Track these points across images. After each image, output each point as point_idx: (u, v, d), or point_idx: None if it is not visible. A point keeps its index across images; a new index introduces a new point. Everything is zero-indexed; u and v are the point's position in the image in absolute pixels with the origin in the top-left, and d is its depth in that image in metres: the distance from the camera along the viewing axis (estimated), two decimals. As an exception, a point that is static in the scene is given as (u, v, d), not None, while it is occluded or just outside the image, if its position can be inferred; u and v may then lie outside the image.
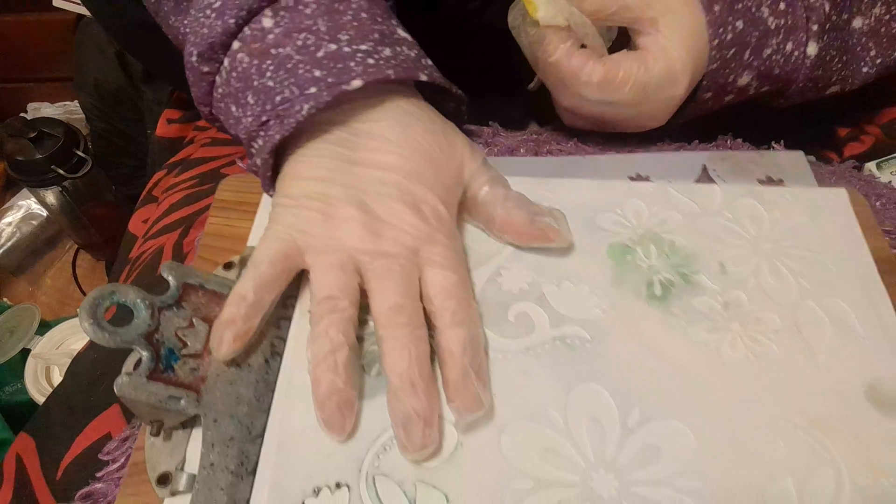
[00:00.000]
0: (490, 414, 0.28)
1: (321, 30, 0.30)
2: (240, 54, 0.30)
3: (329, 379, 0.26)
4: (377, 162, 0.30)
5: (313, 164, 0.30)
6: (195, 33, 0.31)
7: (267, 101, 0.30)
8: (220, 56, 0.31)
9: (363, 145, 0.30)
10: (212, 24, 0.30)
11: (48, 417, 0.37)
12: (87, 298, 0.26)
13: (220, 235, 0.36)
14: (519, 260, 0.33)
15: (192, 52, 0.31)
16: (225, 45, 0.31)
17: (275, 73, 0.30)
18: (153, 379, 0.26)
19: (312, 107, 0.29)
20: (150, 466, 0.27)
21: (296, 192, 0.30)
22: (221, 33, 0.30)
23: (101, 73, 0.93)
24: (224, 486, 0.26)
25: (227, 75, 0.31)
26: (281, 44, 0.30)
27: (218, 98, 0.33)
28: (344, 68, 0.29)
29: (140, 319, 0.27)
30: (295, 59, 0.30)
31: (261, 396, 0.28)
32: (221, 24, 0.30)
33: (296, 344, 0.30)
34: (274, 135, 0.30)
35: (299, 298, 0.31)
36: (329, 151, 0.30)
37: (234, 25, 0.30)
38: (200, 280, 0.30)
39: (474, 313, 0.29)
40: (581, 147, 0.41)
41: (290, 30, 0.30)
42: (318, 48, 0.30)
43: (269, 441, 0.27)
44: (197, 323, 0.29)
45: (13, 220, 1.11)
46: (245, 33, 0.30)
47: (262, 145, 0.31)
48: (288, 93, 0.30)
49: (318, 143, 0.31)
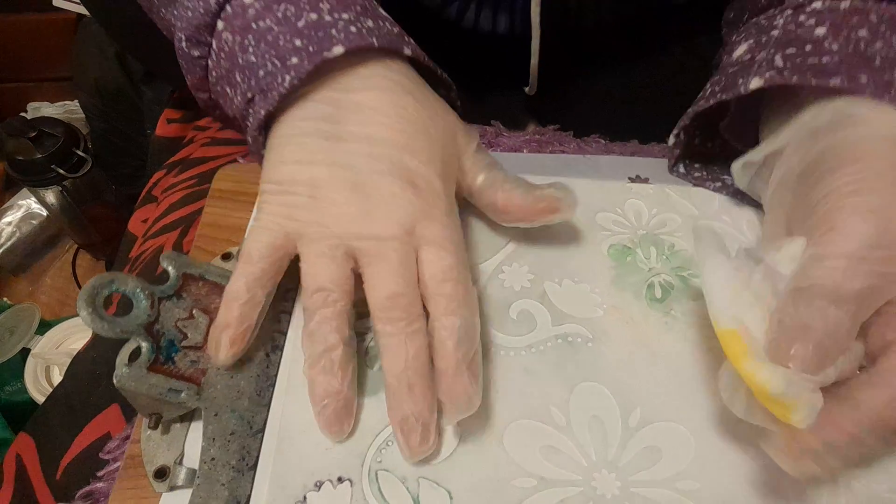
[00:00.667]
0: (493, 411, 0.28)
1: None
2: (224, 33, 0.30)
3: (325, 381, 0.26)
4: (366, 135, 0.29)
5: (297, 146, 0.29)
6: (181, 18, 0.31)
7: (251, 76, 0.29)
8: (207, 38, 0.31)
9: (350, 119, 0.29)
10: (194, 6, 0.30)
11: (48, 417, 0.37)
12: (86, 287, 0.25)
13: (217, 225, 0.35)
14: (521, 257, 0.33)
15: (180, 39, 0.31)
16: (210, 27, 0.30)
17: (256, 47, 0.29)
18: (153, 370, 0.26)
19: (294, 77, 0.28)
20: (147, 460, 0.26)
21: (281, 178, 0.29)
22: (204, 14, 0.30)
23: (101, 72, 0.93)
24: (225, 480, 0.25)
25: (216, 57, 0.31)
26: (261, 17, 0.29)
27: (213, 82, 0.32)
28: (325, 36, 0.29)
29: (140, 309, 0.27)
30: (275, 31, 0.29)
31: (262, 391, 0.28)
32: (203, 4, 0.30)
33: (296, 338, 0.30)
34: (259, 110, 0.29)
35: (300, 292, 0.31)
36: (313, 129, 0.29)
37: (215, 4, 0.30)
38: (201, 271, 0.30)
39: (470, 298, 0.28)
40: (583, 148, 0.41)
41: (270, 2, 0.29)
42: (299, 18, 0.29)
43: (270, 435, 0.27)
44: (197, 314, 0.28)
45: (13, 220, 1.10)
46: (227, 11, 0.30)
47: (252, 123, 0.30)
48: (270, 66, 0.29)
49: (302, 122, 0.29)
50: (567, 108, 0.47)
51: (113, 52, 0.89)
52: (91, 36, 0.92)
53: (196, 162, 0.49)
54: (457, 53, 0.39)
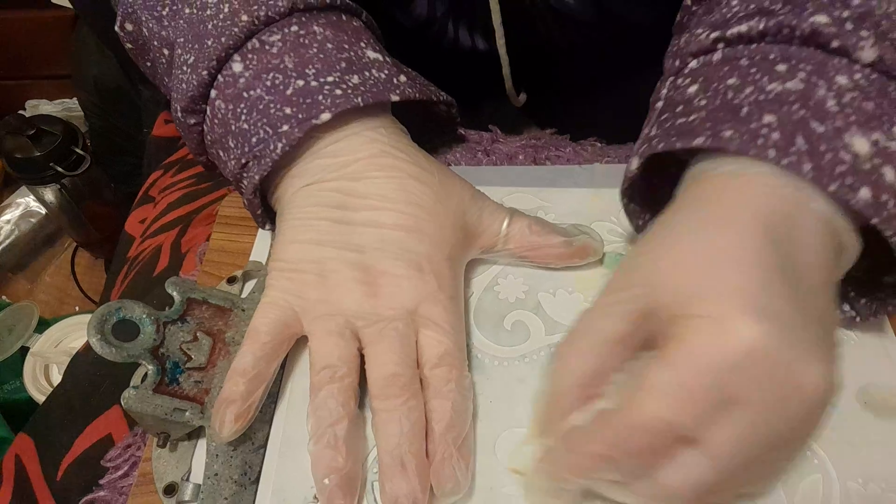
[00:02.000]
0: (486, 420, 0.28)
1: (288, 67, 0.31)
2: (217, 101, 0.32)
3: (328, 456, 0.26)
4: (375, 220, 0.30)
5: (308, 228, 0.30)
6: (176, 90, 0.33)
7: (244, 143, 0.31)
8: (202, 107, 0.32)
9: (360, 205, 0.30)
10: (188, 79, 0.32)
11: (48, 418, 0.38)
12: (95, 315, 0.27)
13: (223, 251, 0.37)
14: (516, 269, 0.33)
15: (176, 109, 0.33)
16: (203, 97, 0.32)
17: (248, 115, 0.31)
18: (159, 392, 0.27)
19: (286, 144, 0.30)
20: (157, 477, 0.28)
21: (291, 256, 0.30)
22: (197, 86, 0.31)
23: (100, 70, 0.93)
24: (228, 495, 0.26)
25: (210, 123, 0.32)
26: (252, 86, 0.31)
27: (209, 146, 0.34)
28: (313, 103, 0.30)
29: (146, 334, 0.28)
30: (266, 100, 0.30)
31: (263, 407, 0.28)
32: (196, 77, 0.31)
33: (296, 354, 0.30)
34: (254, 175, 0.31)
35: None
36: (325, 215, 0.30)
37: (207, 76, 0.31)
38: (204, 295, 0.31)
39: (463, 383, 0.28)
40: (579, 153, 0.41)
41: (259, 71, 0.31)
42: (287, 86, 0.30)
43: (272, 450, 0.28)
44: (201, 337, 0.29)
45: (12, 218, 1.11)
46: (219, 81, 0.31)
47: (247, 186, 0.32)
48: (262, 133, 0.30)
49: (314, 207, 0.31)
50: (561, 113, 0.47)
51: (112, 50, 0.89)
52: (90, 33, 0.92)
53: (194, 162, 0.49)
54: (446, 68, 0.40)
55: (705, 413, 0.20)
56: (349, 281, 0.29)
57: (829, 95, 0.23)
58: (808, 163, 0.22)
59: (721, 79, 0.25)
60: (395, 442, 0.25)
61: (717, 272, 0.21)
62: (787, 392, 0.20)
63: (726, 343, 0.20)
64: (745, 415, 0.20)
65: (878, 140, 0.22)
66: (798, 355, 0.20)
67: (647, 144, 0.26)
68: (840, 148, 0.22)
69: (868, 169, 0.22)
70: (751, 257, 0.21)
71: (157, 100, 0.74)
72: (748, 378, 0.20)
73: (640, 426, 0.20)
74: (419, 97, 0.33)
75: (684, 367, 0.20)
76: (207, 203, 0.44)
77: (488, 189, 0.34)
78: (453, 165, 0.40)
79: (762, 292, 0.20)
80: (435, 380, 0.27)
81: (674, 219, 0.25)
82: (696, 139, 0.24)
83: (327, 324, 0.29)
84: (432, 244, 0.30)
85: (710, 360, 0.20)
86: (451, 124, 0.40)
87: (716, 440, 0.20)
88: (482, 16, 0.40)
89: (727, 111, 0.24)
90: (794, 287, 0.21)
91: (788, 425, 0.20)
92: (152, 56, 0.35)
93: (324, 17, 0.32)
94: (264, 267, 0.34)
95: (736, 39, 0.25)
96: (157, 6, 0.34)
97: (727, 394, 0.20)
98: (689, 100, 0.26)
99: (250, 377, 0.27)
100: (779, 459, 0.22)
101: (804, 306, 0.21)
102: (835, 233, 0.23)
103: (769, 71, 0.24)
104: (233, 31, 0.31)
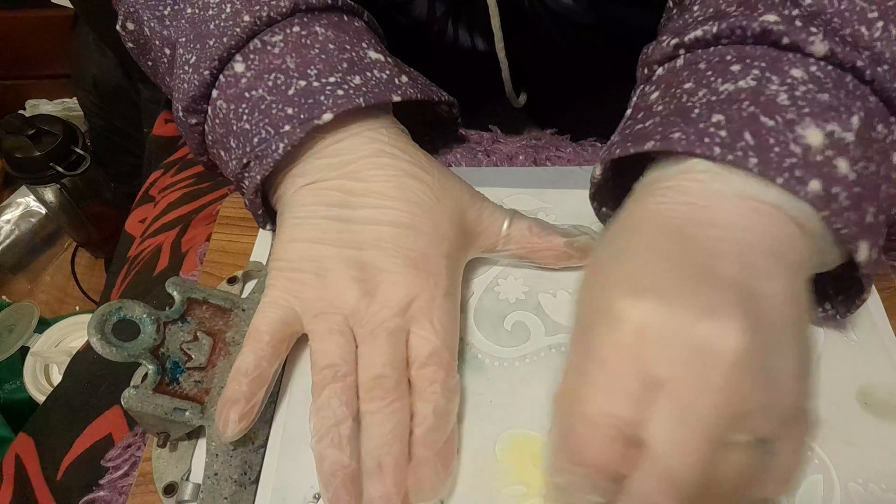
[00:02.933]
0: (485, 420, 0.28)
1: (290, 67, 0.31)
2: (219, 101, 0.32)
3: (333, 455, 0.26)
4: (374, 218, 0.30)
5: (308, 227, 0.31)
6: (178, 90, 0.33)
7: (246, 143, 0.31)
8: (203, 107, 0.32)
9: (359, 203, 0.31)
10: (190, 78, 0.32)
11: (48, 418, 0.38)
12: (95, 315, 0.27)
13: (224, 251, 0.37)
14: (516, 269, 0.33)
15: (178, 108, 0.33)
16: (205, 96, 0.32)
17: (250, 115, 0.31)
18: (159, 391, 0.27)
19: (287, 145, 0.30)
20: (157, 476, 0.28)
21: (291, 256, 0.30)
22: (199, 85, 0.31)
23: (99, 70, 0.93)
24: (227, 494, 0.26)
25: (211, 123, 0.33)
26: (253, 86, 0.31)
27: (210, 146, 0.34)
28: (314, 103, 0.30)
29: (146, 334, 0.28)
30: (268, 100, 0.31)
31: (263, 407, 0.28)
32: (198, 77, 0.31)
33: (296, 355, 0.30)
34: (255, 175, 0.31)
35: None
36: (325, 213, 0.31)
37: (209, 76, 0.31)
38: (204, 294, 0.31)
39: (449, 384, 0.28)
40: (579, 153, 0.41)
41: (261, 71, 0.31)
42: (289, 86, 0.31)
43: (272, 450, 0.28)
44: (201, 336, 0.29)
45: (12, 218, 1.11)
46: (220, 80, 0.31)
47: (248, 186, 0.32)
48: (264, 133, 0.30)
49: (314, 206, 0.31)
50: (562, 114, 0.47)
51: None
52: (90, 33, 0.92)
53: (194, 161, 0.49)
54: (446, 68, 0.40)
55: (643, 399, 0.20)
56: (346, 279, 0.29)
57: (782, 90, 0.23)
58: (753, 157, 0.22)
59: (679, 84, 0.26)
60: (375, 444, 0.26)
61: (610, 275, 0.23)
62: (705, 357, 0.20)
63: (619, 328, 0.21)
64: (674, 392, 0.20)
65: (833, 131, 0.22)
66: (696, 317, 0.20)
67: (608, 151, 0.27)
68: (790, 140, 0.22)
69: (819, 161, 0.22)
70: (641, 252, 0.23)
71: (156, 99, 0.74)
72: (660, 354, 0.20)
73: (586, 424, 0.21)
74: (421, 97, 0.33)
75: (604, 363, 0.21)
76: (207, 203, 0.44)
77: (489, 190, 0.34)
78: (453, 166, 0.40)
79: (644, 274, 0.22)
80: (420, 381, 0.27)
81: (603, 242, 0.26)
82: (648, 143, 0.25)
83: (327, 322, 0.29)
84: (429, 241, 0.30)
85: (615, 349, 0.21)
86: (452, 124, 0.40)
87: (662, 428, 0.20)
88: (482, 17, 0.40)
89: (679, 114, 0.24)
90: (690, 262, 0.22)
91: (722, 393, 0.19)
92: (153, 55, 0.35)
93: (326, 17, 0.33)
94: (265, 267, 0.34)
95: (694, 44, 0.26)
96: (159, 6, 0.34)
97: (651, 376, 0.20)
98: (649, 106, 0.27)
99: (253, 377, 0.27)
100: (750, 443, 0.21)
101: (702, 274, 0.21)
102: (789, 218, 0.23)
103: (724, 72, 0.24)
104: (235, 32, 0.31)
